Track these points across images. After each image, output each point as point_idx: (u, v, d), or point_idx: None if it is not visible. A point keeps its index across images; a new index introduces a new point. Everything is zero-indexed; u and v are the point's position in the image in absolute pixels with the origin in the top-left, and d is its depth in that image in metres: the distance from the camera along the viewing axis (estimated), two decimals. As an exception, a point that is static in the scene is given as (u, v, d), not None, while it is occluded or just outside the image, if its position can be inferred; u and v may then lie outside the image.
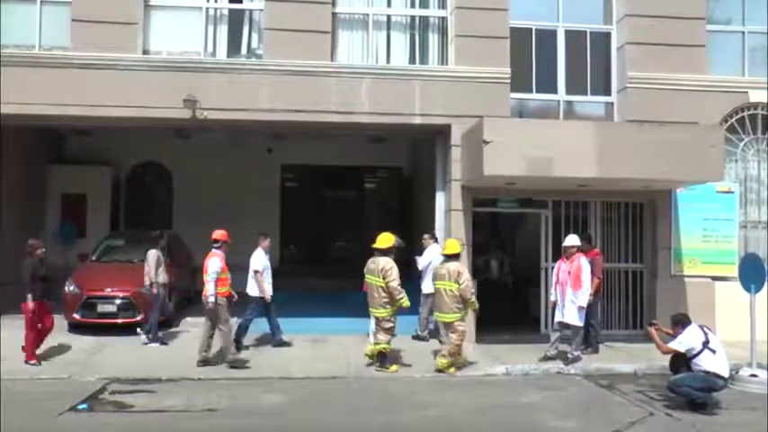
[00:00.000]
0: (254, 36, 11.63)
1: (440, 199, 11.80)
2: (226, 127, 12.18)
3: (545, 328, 11.51)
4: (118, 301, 10.90)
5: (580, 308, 9.59)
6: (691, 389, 7.52)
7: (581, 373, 9.35)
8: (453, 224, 11.00)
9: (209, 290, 9.08)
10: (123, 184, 17.19)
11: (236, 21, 11.66)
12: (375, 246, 9.44)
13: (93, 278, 11.26)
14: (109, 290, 10.99)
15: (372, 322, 10.30)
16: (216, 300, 9.11)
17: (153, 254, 10.55)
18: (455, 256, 9.44)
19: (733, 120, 11.81)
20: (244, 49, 11.66)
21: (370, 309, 9.44)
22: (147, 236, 11.89)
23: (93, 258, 12.25)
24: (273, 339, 10.49)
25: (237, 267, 9.99)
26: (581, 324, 9.68)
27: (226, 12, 11.66)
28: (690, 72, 11.45)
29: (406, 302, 9.18)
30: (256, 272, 10.26)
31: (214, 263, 9.20)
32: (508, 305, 12.85)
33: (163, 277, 10.57)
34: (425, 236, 11.35)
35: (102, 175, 16.30)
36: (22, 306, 8.88)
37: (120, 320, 10.82)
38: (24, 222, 13.44)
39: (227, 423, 7.05)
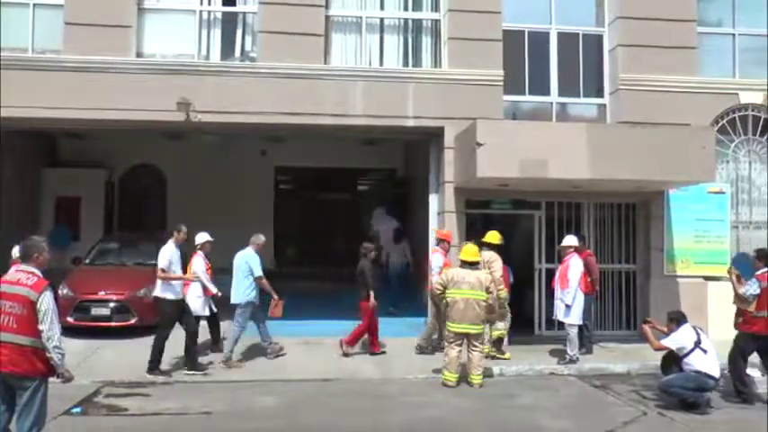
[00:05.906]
0: (248, 39, 11.63)
1: (433, 201, 11.82)
2: (220, 129, 12.17)
3: (539, 329, 11.58)
4: (112, 305, 10.81)
5: (567, 306, 9.64)
6: (682, 389, 7.59)
7: (575, 373, 9.40)
8: (447, 226, 11.02)
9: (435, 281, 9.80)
10: (117, 186, 17.14)
11: (230, 24, 11.67)
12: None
13: (86, 281, 11.18)
14: (102, 293, 10.94)
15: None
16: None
17: (438, 258, 10.22)
18: (475, 264, 8.96)
19: (724, 121, 11.88)
20: (237, 52, 11.66)
21: None
22: (142, 238, 11.86)
23: (87, 261, 12.20)
24: None
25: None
26: (571, 322, 9.67)
27: (219, 15, 11.66)
28: (681, 74, 11.51)
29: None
30: None
31: (437, 258, 10.19)
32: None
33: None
34: None
35: (96, 177, 16.22)
36: (361, 304, 9.97)
37: (114, 323, 10.73)
38: (18, 226, 13.37)
39: (223, 425, 7.07)
